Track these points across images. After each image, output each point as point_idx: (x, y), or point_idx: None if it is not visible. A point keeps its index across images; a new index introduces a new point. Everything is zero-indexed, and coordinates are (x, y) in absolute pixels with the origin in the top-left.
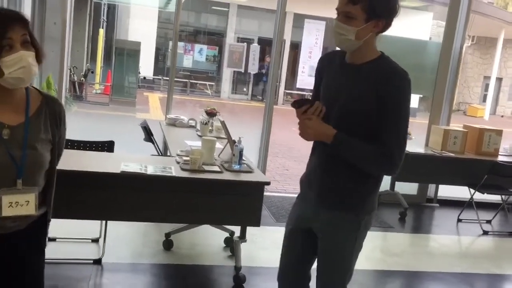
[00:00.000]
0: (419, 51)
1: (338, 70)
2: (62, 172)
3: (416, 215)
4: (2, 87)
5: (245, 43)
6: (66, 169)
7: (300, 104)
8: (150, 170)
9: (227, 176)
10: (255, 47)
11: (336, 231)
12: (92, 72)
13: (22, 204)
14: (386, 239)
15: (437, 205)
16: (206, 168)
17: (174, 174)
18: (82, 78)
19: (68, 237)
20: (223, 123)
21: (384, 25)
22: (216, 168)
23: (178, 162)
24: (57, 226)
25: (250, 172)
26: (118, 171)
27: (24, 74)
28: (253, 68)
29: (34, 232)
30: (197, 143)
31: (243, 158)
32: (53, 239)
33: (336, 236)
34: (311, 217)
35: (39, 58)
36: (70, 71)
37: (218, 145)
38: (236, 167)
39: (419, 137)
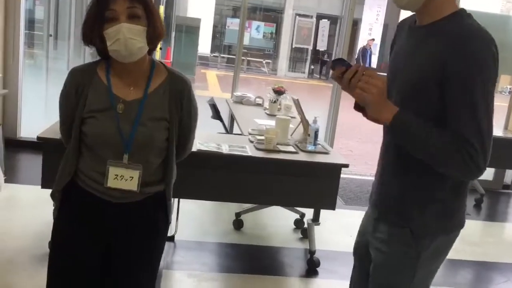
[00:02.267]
0: (504, 27)
1: (405, 36)
2: None
3: (493, 202)
4: (120, 62)
5: (315, 19)
6: None
7: (336, 64)
8: (225, 149)
9: (302, 157)
10: (325, 23)
11: (388, 253)
12: (160, 49)
13: (127, 179)
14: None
15: None
16: (281, 148)
17: (249, 153)
18: None
19: None
20: (297, 101)
21: None
22: (291, 149)
23: (251, 141)
24: None
25: (326, 153)
26: (195, 150)
27: (120, 47)
28: (322, 45)
29: (151, 209)
30: (267, 122)
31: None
32: None
33: (388, 259)
34: (369, 231)
35: (149, 33)
36: None
37: (290, 125)
38: (311, 147)
39: (495, 119)
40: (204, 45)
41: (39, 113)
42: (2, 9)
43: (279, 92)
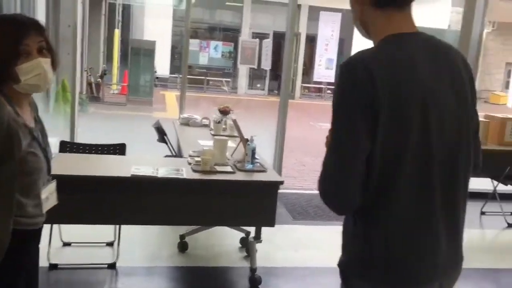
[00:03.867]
0: None
1: None
2: (74, 177)
3: None
4: (19, 92)
5: (257, 39)
6: (77, 174)
7: None
8: (161, 173)
9: (239, 176)
10: (268, 43)
11: None
12: (106, 74)
13: (49, 197)
14: None
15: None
16: (218, 168)
17: (185, 176)
18: (99, 79)
19: (83, 242)
20: (235, 121)
21: None
22: (228, 169)
23: (189, 163)
24: (71, 231)
25: (263, 171)
26: (129, 175)
27: (40, 81)
28: (266, 64)
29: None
30: (210, 143)
31: (257, 157)
32: (67, 244)
33: None
34: None
35: (54, 64)
36: (87, 73)
37: (232, 144)
38: (249, 166)
39: None
40: (163, 67)
41: None
42: None
43: (224, 112)
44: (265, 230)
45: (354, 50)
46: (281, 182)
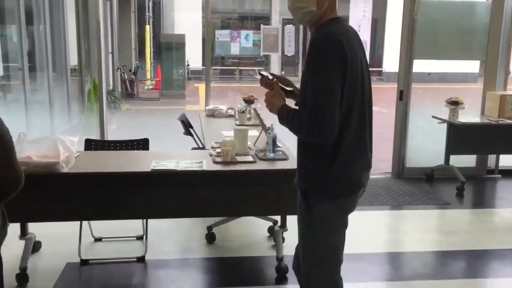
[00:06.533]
0: (468, 14)
1: None
2: (98, 174)
3: (476, 189)
4: None
5: (280, 25)
6: (101, 171)
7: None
8: (182, 166)
9: (260, 165)
10: (290, 28)
11: (299, 213)
12: (142, 69)
13: None
14: (443, 217)
15: (499, 176)
16: (239, 159)
17: (205, 168)
18: (132, 76)
19: (113, 236)
20: (255, 110)
21: None
22: (250, 158)
23: (211, 155)
24: (102, 227)
25: (285, 159)
26: (149, 170)
27: None
28: (290, 50)
29: None
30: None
31: (279, 144)
32: (98, 239)
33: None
34: None
35: None
36: (120, 70)
37: (255, 133)
38: (271, 155)
39: (475, 105)
40: (196, 59)
41: None
42: None
43: (249, 101)
44: (291, 218)
45: (388, 30)
46: None
